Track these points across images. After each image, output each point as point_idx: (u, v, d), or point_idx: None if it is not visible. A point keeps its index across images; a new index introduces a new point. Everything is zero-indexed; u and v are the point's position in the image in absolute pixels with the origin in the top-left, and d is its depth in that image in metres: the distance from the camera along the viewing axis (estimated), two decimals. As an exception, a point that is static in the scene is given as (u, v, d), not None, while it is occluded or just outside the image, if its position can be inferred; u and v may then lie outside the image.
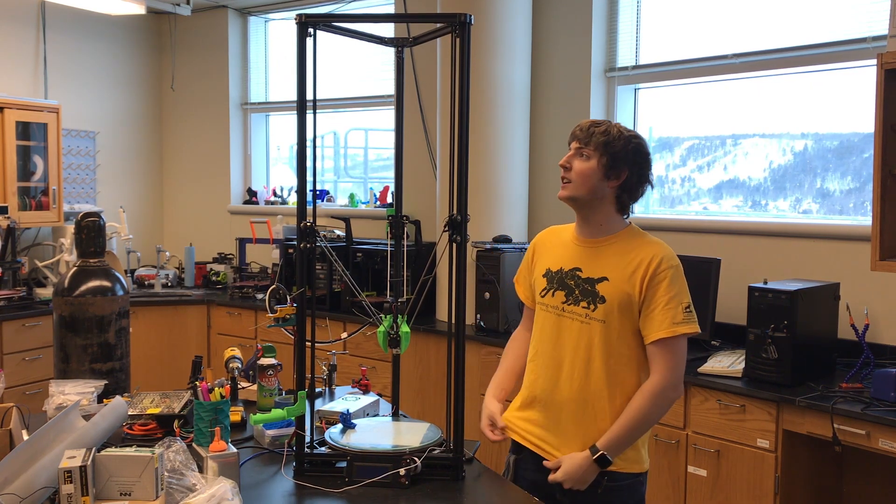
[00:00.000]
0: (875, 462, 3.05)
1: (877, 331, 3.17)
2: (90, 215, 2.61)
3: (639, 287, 1.98)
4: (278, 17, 5.72)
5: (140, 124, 5.96)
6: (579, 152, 2.02)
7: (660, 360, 1.97)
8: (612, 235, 2.06)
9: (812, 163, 3.59)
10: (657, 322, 1.96)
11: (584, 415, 2.02)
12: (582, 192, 2.02)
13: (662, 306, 1.96)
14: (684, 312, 1.97)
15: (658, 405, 1.98)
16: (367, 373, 2.75)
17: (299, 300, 1.97)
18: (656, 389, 1.97)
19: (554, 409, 2.06)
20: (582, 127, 2.04)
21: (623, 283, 1.99)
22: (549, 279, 2.11)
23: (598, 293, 2.01)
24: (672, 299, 1.96)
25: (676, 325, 1.95)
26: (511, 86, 4.05)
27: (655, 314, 1.97)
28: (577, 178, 2.01)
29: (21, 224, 4.75)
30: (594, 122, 2.04)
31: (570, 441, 2.03)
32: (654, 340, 1.97)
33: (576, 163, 2.02)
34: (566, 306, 2.05)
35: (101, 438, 1.86)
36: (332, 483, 1.90)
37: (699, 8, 3.87)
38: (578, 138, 2.03)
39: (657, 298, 1.97)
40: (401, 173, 2.30)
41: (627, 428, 1.97)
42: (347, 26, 2.07)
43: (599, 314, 2.00)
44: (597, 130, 2.01)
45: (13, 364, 4.30)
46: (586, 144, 2.01)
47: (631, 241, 2.05)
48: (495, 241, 3.93)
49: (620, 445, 1.98)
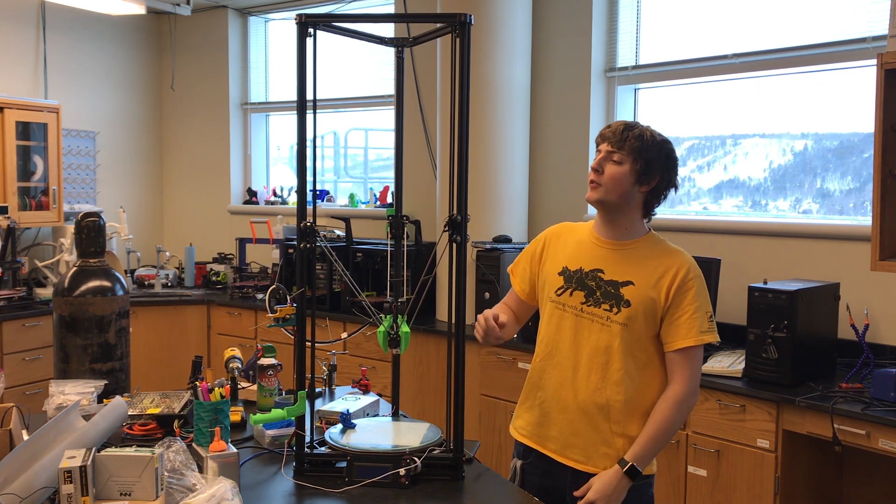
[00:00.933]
0: (875, 462, 3.05)
1: (877, 331, 3.17)
2: (90, 215, 2.61)
3: (664, 294, 1.98)
4: (278, 17, 5.72)
5: (140, 124, 5.96)
6: (610, 156, 1.98)
7: (682, 368, 1.98)
8: (636, 240, 2.05)
9: (812, 163, 3.59)
10: (683, 330, 1.97)
11: (598, 417, 2.00)
12: (613, 196, 2.00)
13: (689, 315, 1.97)
14: (709, 322, 1.99)
15: (681, 412, 2.00)
16: (367, 373, 2.75)
17: (299, 300, 1.97)
18: (679, 397, 1.98)
19: (568, 412, 2.03)
20: (614, 130, 1.99)
21: (649, 289, 1.98)
22: (568, 278, 2.06)
23: (622, 296, 1.99)
24: (698, 309, 1.98)
25: (703, 335, 1.97)
26: (511, 86, 4.05)
27: (682, 322, 1.97)
28: (608, 182, 1.98)
29: (21, 224, 4.75)
30: (627, 125, 1.99)
31: (582, 443, 2.01)
32: (679, 349, 1.98)
33: (608, 167, 1.98)
34: (585, 307, 2.02)
35: (101, 438, 1.86)
36: (332, 483, 1.90)
37: (699, 8, 3.87)
38: (610, 141, 1.98)
39: (684, 307, 1.97)
40: (401, 173, 2.29)
41: (654, 438, 1.97)
42: (347, 26, 2.07)
43: (622, 317, 1.98)
44: (631, 135, 1.97)
45: (13, 364, 4.29)
46: (619, 148, 1.97)
47: (655, 247, 2.05)
48: (495, 241, 3.93)
49: (648, 456, 1.98)
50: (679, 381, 1.98)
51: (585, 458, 2.02)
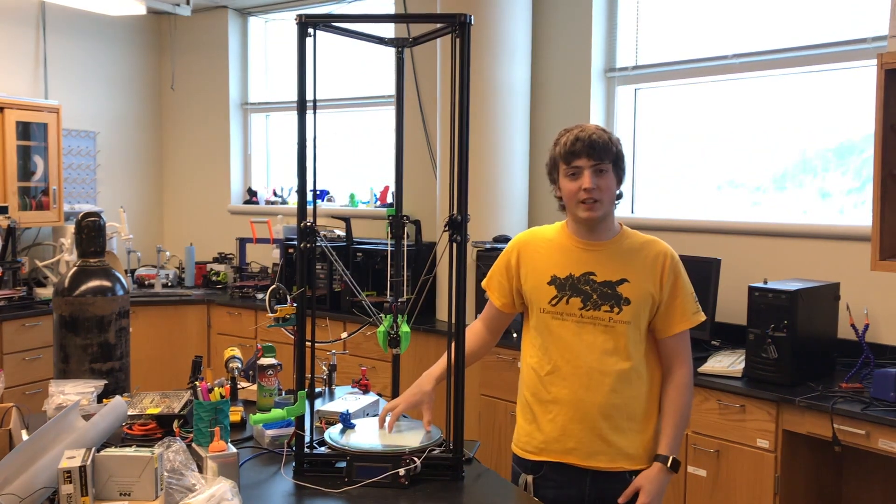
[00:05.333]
0: (875, 462, 3.05)
1: (877, 331, 3.17)
2: (90, 215, 2.61)
3: (659, 284, 2.01)
4: (278, 17, 5.72)
5: (140, 124, 5.96)
6: (597, 168, 1.96)
7: (682, 351, 2.06)
8: (615, 237, 2.06)
9: (812, 163, 3.59)
10: (679, 314, 2.02)
11: (620, 418, 2.00)
12: (609, 207, 2.02)
13: (682, 299, 2.03)
14: (695, 302, 2.06)
15: (691, 393, 2.08)
16: (367, 373, 2.75)
17: (299, 300, 1.97)
18: (686, 380, 2.06)
19: (588, 419, 2.00)
20: (590, 143, 1.94)
21: (645, 283, 2.00)
22: (560, 286, 2.03)
23: (621, 295, 2.00)
24: (686, 292, 2.04)
25: (694, 315, 2.04)
26: (511, 86, 4.05)
27: (677, 306, 2.02)
28: (605, 195, 1.97)
29: (21, 224, 4.75)
30: (593, 134, 1.96)
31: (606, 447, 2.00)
32: (676, 333, 2.03)
33: (599, 181, 1.96)
34: (584, 312, 2.01)
35: (101, 438, 1.86)
36: (332, 483, 1.90)
37: (699, 8, 3.87)
38: (589, 155, 1.94)
39: (676, 292, 2.02)
40: (401, 173, 2.29)
41: (679, 425, 2.04)
42: (347, 26, 2.07)
43: (625, 316, 1.99)
44: (604, 142, 1.95)
45: (13, 364, 4.29)
46: (601, 160, 1.95)
47: (632, 239, 2.07)
48: (495, 241, 3.93)
49: (677, 444, 2.05)
50: (682, 364, 2.05)
51: (610, 460, 2.01)
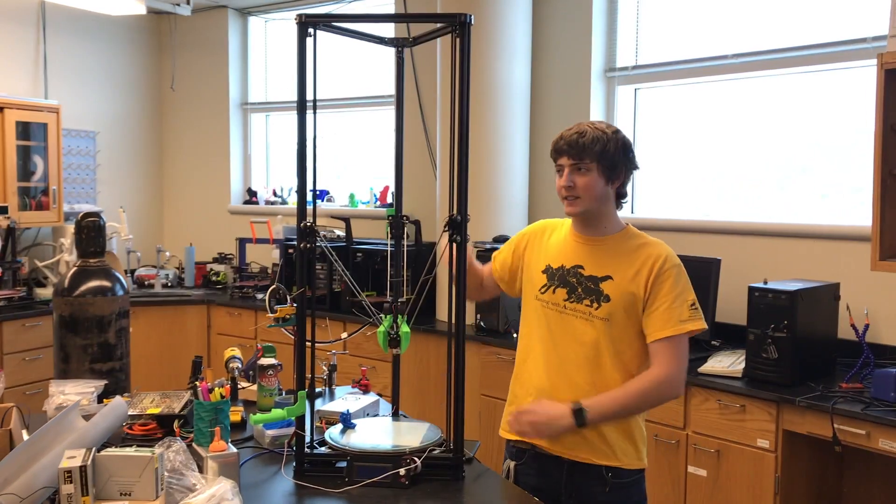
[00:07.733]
0: (875, 462, 3.05)
1: (877, 331, 3.17)
2: (90, 215, 2.61)
3: (643, 287, 1.99)
4: (278, 17, 5.72)
5: (140, 124, 5.96)
6: (576, 167, 2.00)
7: (662, 356, 1.97)
8: (613, 234, 2.07)
9: (812, 163, 3.59)
10: (661, 320, 1.97)
11: None
12: (592, 204, 2.02)
13: (668, 305, 1.97)
14: (690, 310, 1.98)
15: (654, 395, 1.98)
16: (367, 373, 2.75)
17: (299, 300, 1.97)
18: (656, 379, 1.96)
19: None
20: (569, 142, 1.99)
21: (628, 283, 2.00)
22: (550, 276, 2.09)
23: (601, 292, 2.01)
24: (677, 297, 1.97)
25: (683, 323, 1.96)
26: (511, 86, 4.05)
27: (660, 312, 1.97)
28: (584, 192, 2.00)
29: (21, 224, 4.75)
30: (578, 133, 2.00)
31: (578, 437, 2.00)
32: (660, 338, 1.97)
33: (577, 179, 2.00)
34: (568, 303, 2.05)
35: (101, 438, 1.85)
36: (332, 483, 1.90)
37: (699, 8, 3.87)
38: (569, 154, 2.00)
39: (661, 297, 1.98)
40: (401, 173, 2.29)
41: (617, 399, 1.96)
42: (347, 26, 2.06)
43: (603, 312, 2.00)
44: (585, 141, 1.98)
45: (13, 364, 4.29)
46: (581, 158, 1.99)
47: (632, 240, 2.06)
48: (495, 241, 3.92)
49: (603, 414, 1.95)
50: (660, 366, 1.97)
51: (585, 453, 2.02)
